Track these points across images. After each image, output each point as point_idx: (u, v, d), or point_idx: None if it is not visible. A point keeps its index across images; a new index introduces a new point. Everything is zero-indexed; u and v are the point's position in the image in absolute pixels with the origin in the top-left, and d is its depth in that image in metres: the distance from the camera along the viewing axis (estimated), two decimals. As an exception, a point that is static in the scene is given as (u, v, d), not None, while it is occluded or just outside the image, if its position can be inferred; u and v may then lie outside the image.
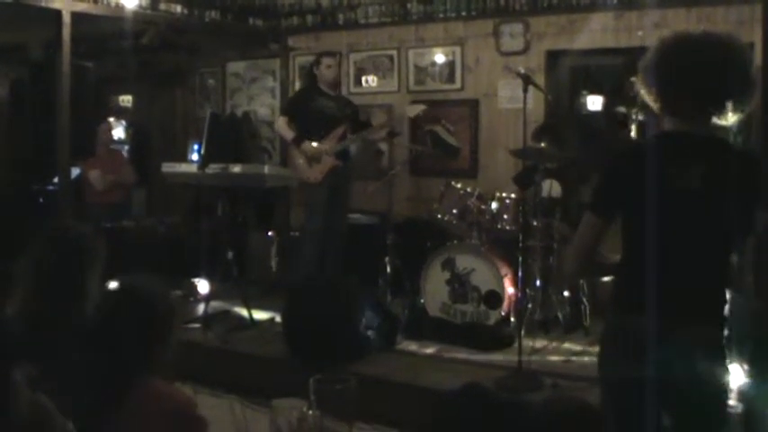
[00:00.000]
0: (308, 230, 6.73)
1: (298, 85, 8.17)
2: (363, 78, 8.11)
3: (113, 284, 2.64)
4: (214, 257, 6.49)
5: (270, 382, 4.65)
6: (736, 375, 3.80)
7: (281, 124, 6.85)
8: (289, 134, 6.74)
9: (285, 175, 6.67)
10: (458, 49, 7.56)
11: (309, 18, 8.29)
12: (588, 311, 5.68)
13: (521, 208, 5.60)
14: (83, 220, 6.63)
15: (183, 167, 6.64)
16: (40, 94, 6.56)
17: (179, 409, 2.35)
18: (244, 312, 5.96)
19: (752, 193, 2.48)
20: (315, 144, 6.59)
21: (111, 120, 8.65)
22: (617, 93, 6.85)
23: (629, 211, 2.54)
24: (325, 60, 6.80)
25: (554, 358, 5.13)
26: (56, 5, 6.28)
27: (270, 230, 7.68)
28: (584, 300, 5.70)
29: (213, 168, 6.00)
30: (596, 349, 2.76)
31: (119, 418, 2.25)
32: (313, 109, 6.68)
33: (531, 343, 5.11)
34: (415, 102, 7.27)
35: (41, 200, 8.41)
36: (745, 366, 3.87)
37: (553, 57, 7.16)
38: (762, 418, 3.49)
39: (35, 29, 7.45)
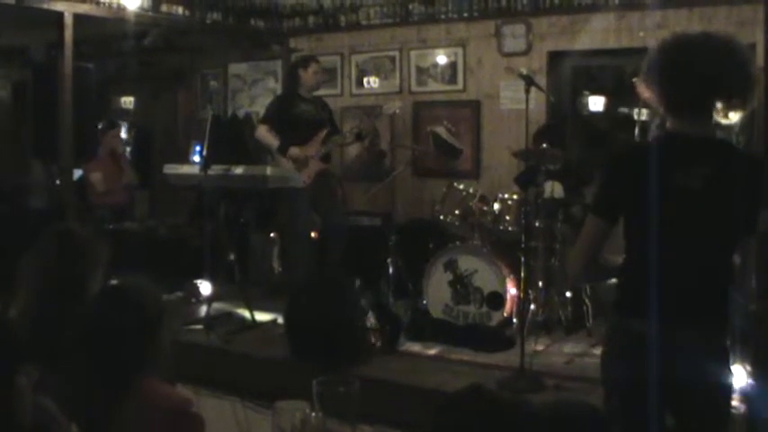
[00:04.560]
0: (294, 234, 6.82)
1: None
2: (365, 80, 8.11)
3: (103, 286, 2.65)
4: (216, 259, 6.48)
5: (272, 384, 4.65)
6: (739, 376, 3.80)
7: (263, 132, 6.82)
8: (273, 142, 6.74)
9: (287, 176, 6.67)
10: (460, 50, 7.56)
11: (311, 19, 8.30)
12: (590, 312, 5.67)
13: (523, 209, 5.60)
14: (85, 222, 6.65)
15: (184, 169, 6.64)
16: (43, 95, 6.56)
17: (176, 407, 2.35)
18: (246, 314, 5.95)
19: (754, 194, 2.48)
20: (300, 149, 6.62)
21: (119, 123, 8.65)
22: (619, 93, 6.86)
23: (631, 212, 2.54)
24: (313, 66, 6.81)
25: (556, 359, 5.12)
26: (58, 7, 6.28)
27: (272, 232, 7.68)
28: (587, 301, 5.70)
29: (215, 170, 6.00)
30: (599, 350, 2.76)
31: (118, 419, 2.26)
32: (294, 115, 6.70)
33: (533, 344, 5.10)
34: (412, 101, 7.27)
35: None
36: (748, 367, 3.87)
37: (555, 57, 7.16)
38: (764, 418, 3.49)
39: (37, 31, 7.46)
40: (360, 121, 7.24)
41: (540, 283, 5.76)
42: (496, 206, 5.89)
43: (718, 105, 2.49)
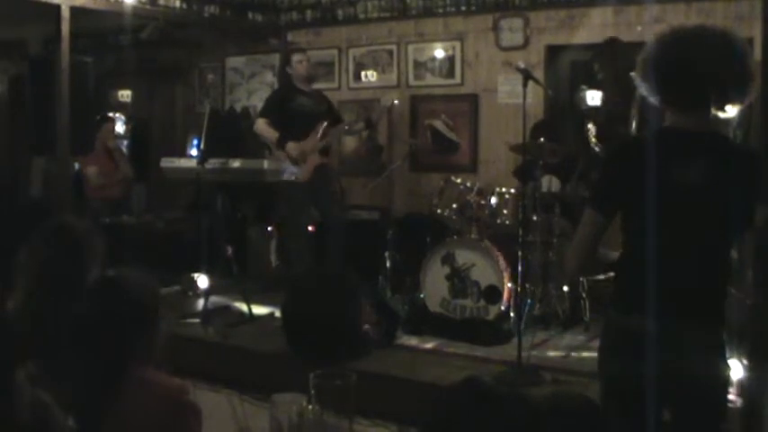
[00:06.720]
0: (292, 227, 6.82)
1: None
2: (363, 73, 8.10)
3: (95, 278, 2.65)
4: (213, 252, 6.49)
5: (269, 377, 4.66)
6: (736, 370, 3.81)
7: (262, 126, 6.77)
8: (272, 136, 6.71)
9: (284, 169, 6.67)
10: (457, 44, 7.56)
11: (309, 13, 8.30)
12: (588, 306, 5.68)
13: (520, 203, 5.60)
14: (83, 216, 6.64)
15: (182, 162, 6.64)
16: (40, 89, 6.55)
17: (172, 395, 2.35)
18: (243, 307, 5.96)
19: (751, 189, 2.48)
20: (298, 143, 6.60)
21: (115, 116, 8.63)
22: (616, 87, 6.84)
23: (629, 207, 2.54)
24: (295, 57, 6.80)
25: (553, 353, 5.13)
26: (55, 0, 6.27)
27: (269, 225, 7.69)
28: (584, 294, 5.70)
29: (212, 163, 6.01)
30: (596, 344, 2.76)
31: (115, 410, 2.25)
32: (291, 108, 6.67)
33: (530, 338, 5.11)
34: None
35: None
36: (745, 361, 3.88)
37: (553, 51, 7.16)
38: (761, 412, 3.50)
39: (34, 24, 7.46)
40: (365, 109, 7.23)
41: (538, 277, 5.77)
42: (494, 200, 5.89)
43: (715, 97, 2.48)
